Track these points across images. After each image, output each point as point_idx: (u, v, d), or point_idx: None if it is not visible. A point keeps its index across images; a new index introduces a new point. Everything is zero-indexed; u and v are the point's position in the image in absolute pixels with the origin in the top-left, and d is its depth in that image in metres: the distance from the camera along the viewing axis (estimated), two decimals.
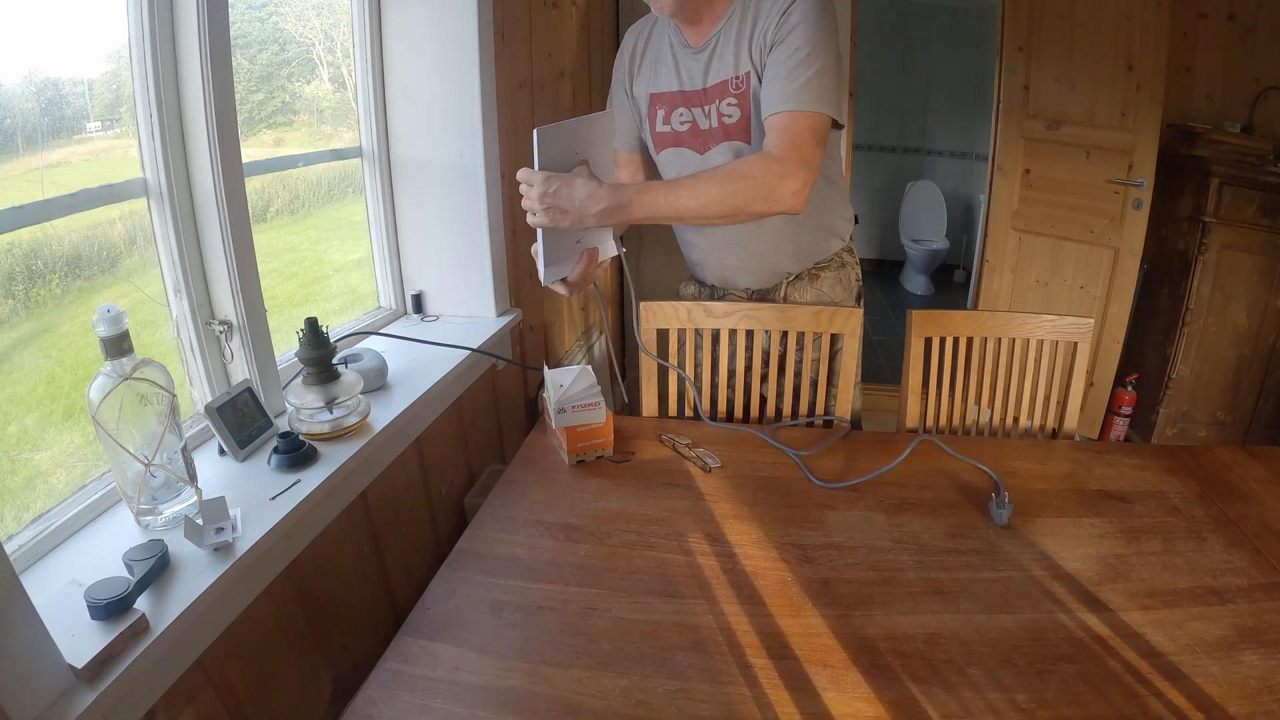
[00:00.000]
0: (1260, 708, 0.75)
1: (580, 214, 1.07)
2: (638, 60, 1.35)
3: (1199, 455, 1.26)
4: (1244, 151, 2.36)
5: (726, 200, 1.09)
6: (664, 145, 1.34)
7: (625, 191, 1.09)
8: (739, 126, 1.24)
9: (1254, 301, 2.46)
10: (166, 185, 1.00)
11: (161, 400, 0.83)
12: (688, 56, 1.27)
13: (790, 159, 1.09)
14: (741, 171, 1.10)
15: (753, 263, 1.39)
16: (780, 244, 1.36)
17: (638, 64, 1.35)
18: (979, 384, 1.46)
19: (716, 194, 1.09)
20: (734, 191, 1.09)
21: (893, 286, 4.93)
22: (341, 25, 1.47)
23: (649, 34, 1.34)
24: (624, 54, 1.37)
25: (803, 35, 1.11)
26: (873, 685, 0.79)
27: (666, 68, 1.30)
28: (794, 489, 1.16)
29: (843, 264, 1.43)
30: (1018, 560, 0.99)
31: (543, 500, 1.12)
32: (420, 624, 0.87)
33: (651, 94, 1.33)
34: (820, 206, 1.33)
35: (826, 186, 1.33)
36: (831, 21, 1.15)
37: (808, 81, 1.11)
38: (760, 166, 1.09)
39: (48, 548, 0.83)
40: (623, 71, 1.38)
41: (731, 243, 1.37)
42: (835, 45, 1.15)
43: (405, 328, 1.55)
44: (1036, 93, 2.61)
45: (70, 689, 0.66)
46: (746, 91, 1.21)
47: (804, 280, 1.41)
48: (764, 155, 1.11)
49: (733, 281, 1.43)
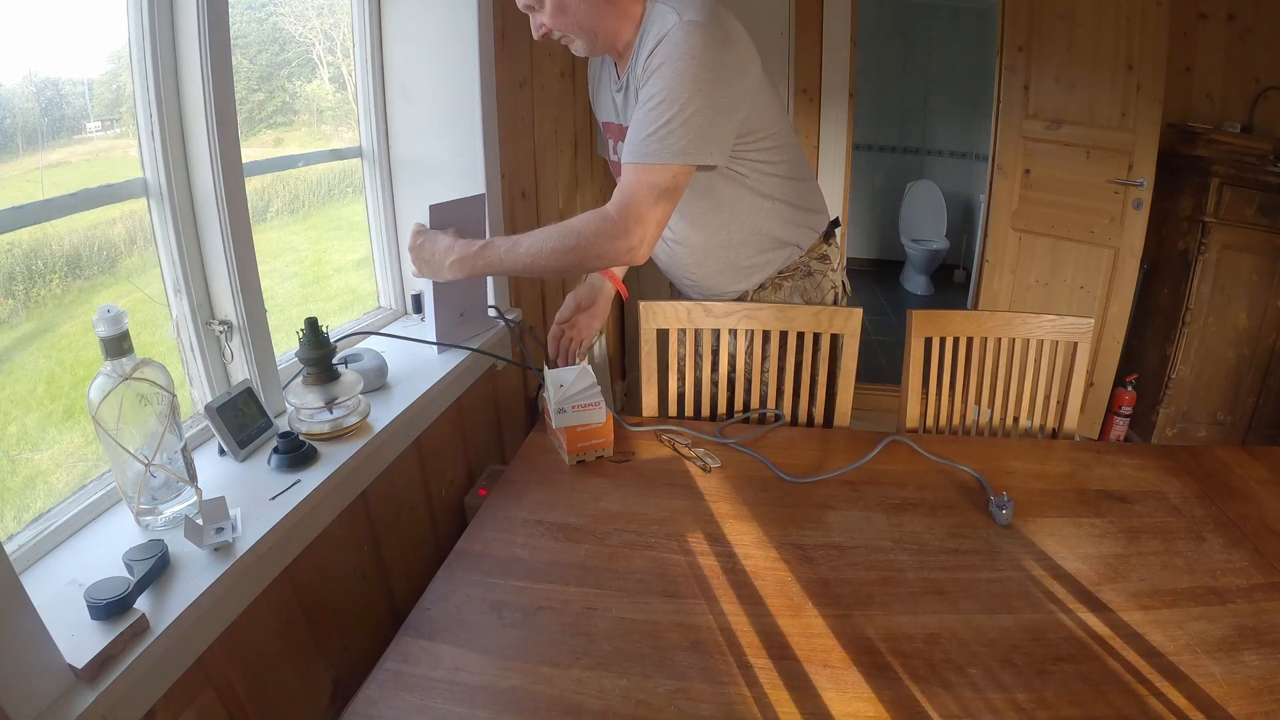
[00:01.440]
0: (1260, 708, 0.75)
1: (438, 265, 1.20)
2: (593, 84, 1.40)
3: (1199, 455, 1.26)
4: (1244, 151, 2.36)
5: (563, 257, 1.13)
6: (616, 172, 1.34)
7: (473, 245, 1.18)
8: None
9: (1254, 301, 2.46)
10: (166, 185, 1.00)
11: (161, 400, 0.83)
12: (614, 92, 1.29)
13: (624, 217, 1.10)
14: (575, 229, 1.12)
15: (701, 281, 1.42)
16: (714, 267, 1.37)
17: (595, 88, 1.40)
18: (979, 384, 1.46)
19: (552, 249, 1.13)
20: (568, 249, 1.12)
21: (893, 286, 4.93)
22: (341, 25, 1.47)
23: (601, 60, 1.35)
24: (589, 75, 1.43)
25: (660, 81, 1.07)
26: (873, 685, 0.79)
27: (606, 97, 1.34)
28: (794, 489, 1.16)
29: (809, 272, 1.40)
30: (1018, 560, 0.99)
31: (543, 500, 1.12)
32: (420, 624, 0.87)
33: (602, 122, 1.38)
34: (755, 225, 1.31)
35: (763, 202, 1.29)
36: (701, 55, 1.07)
37: (656, 132, 1.08)
38: (593, 226, 1.11)
39: (48, 548, 0.83)
40: (590, 91, 1.44)
41: (670, 264, 1.42)
42: (704, 80, 1.07)
43: (405, 328, 1.55)
44: (1036, 93, 2.61)
45: (70, 689, 0.66)
46: None
47: (767, 290, 1.41)
48: (598, 214, 1.12)
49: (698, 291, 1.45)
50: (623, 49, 1.20)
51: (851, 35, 2.60)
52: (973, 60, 4.38)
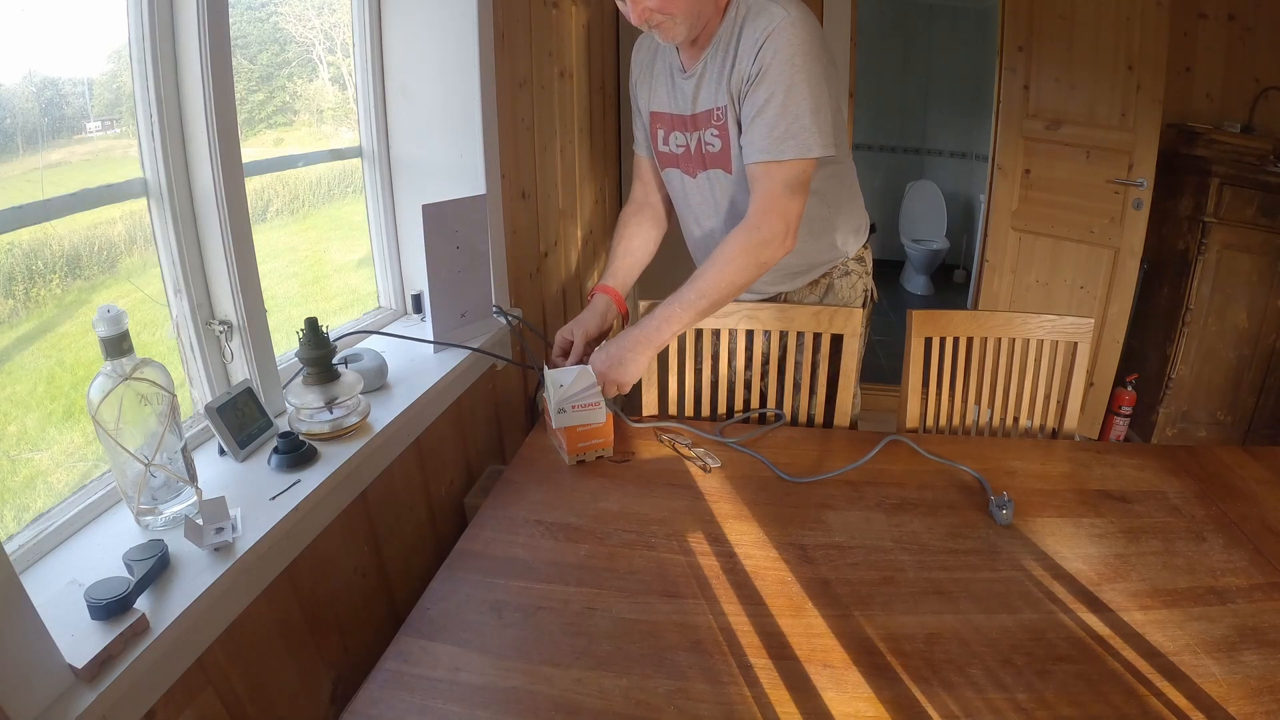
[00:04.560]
0: (1260, 708, 0.75)
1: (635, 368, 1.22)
2: (644, 74, 1.38)
3: (1199, 455, 1.26)
4: (1244, 151, 2.36)
5: (736, 290, 1.21)
6: (665, 164, 1.39)
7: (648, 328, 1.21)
8: (720, 156, 1.27)
9: (1254, 301, 2.46)
10: (166, 185, 1.00)
11: (161, 400, 0.83)
12: (681, 80, 1.28)
13: (769, 224, 1.17)
14: (735, 261, 1.18)
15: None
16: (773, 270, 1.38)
17: (643, 78, 1.38)
18: (979, 384, 1.46)
19: (726, 285, 1.19)
20: (739, 283, 1.20)
21: (893, 286, 4.93)
22: (341, 25, 1.47)
23: (655, 48, 1.35)
24: (633, 65, 1.41)
25: (782, 78, 1.12)
26: (873, 685, 0.79)
27: (664, 87, 1.33)
28: (794, 489, 1.16)
29: (846, 272, 1.44)
30: (1018, 560, 0.99)
31: (543, 500, 1.12)
32: (420, 624, 0.87)
33: (652, 111, 1.37)
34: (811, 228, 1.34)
35: (820, 207, 1.33)
36: (810, 50, 1.13)
37: (787, 129, 1.13)
38: (741, 245, 1.18)
39: (48, 548, 0.83)
40: (632, 82, 1.41)
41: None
42: (816, 74, 1.13)
43: (405, 327, 1.55)
44: (1036, 93, 2.61)
45: (70, 689, 0.66)
46: (725, 124, 1.23)
47: (804, 290, 1.45)
48: (745, 234, 1.18)
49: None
50: (701, 38, 1.22)
51: (851, 35, 2.60)
52: (973, 60, 4.38)
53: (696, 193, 1.36)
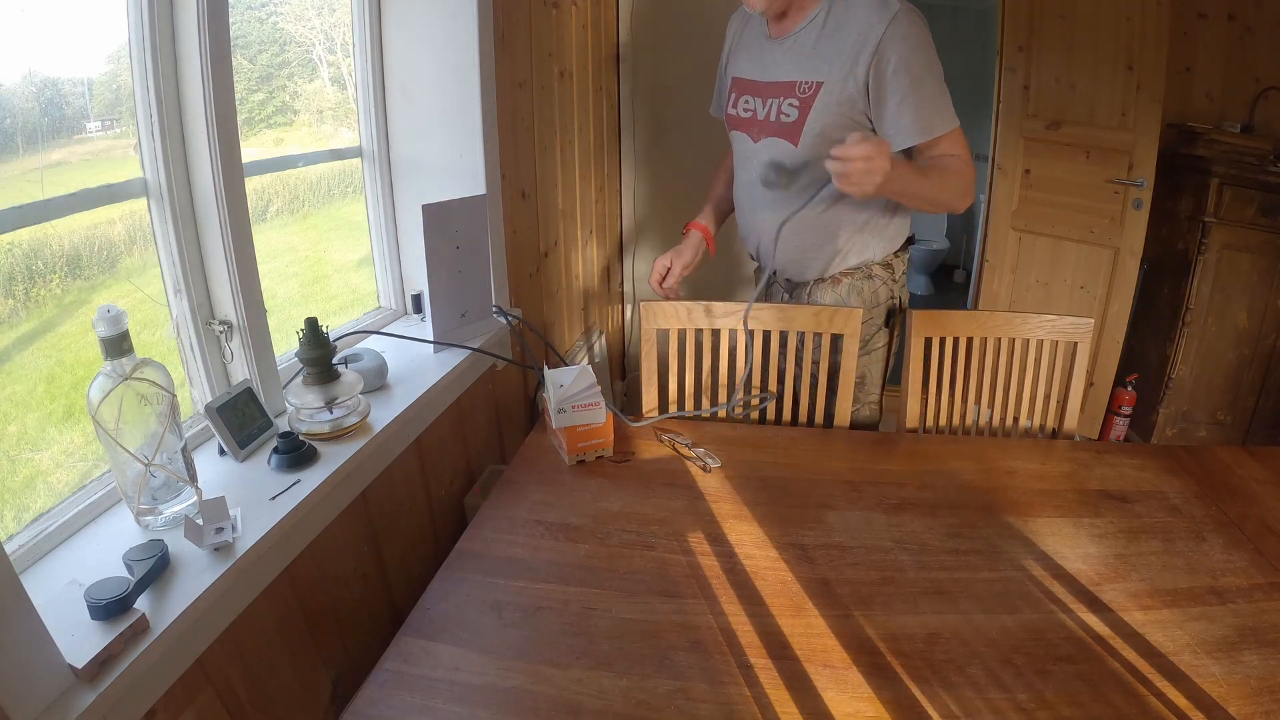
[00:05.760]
0: (1260, 708, 0.75)
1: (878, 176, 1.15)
2: (734, 43, 1.46)
3: (1199, 455, 1.26)
4: (1244, 151, 2.36)
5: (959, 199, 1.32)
6: (731, 126, 1.46)
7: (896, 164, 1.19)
8: (791, 128, 1.31)
9: (1254, 301, 2.45)
10: (166, 185, 1.00)
11: (161, 400, 0.83)
12: (769, 47, 1.34)
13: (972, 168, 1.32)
14: (958, 171, 1.30)
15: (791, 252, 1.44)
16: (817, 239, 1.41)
17: (733, 47, 1.46)
18: (979, 384, 1.46)
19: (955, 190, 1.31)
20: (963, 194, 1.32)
21: None
22: (341, 25, 1.47)
23: (745, 18, 1.44)
24: (727, 36, 1.50)
25: (921, 60, 1.22)
26: (873, 685, 0.79)
27: (750, 54, 1.39)
28: (794, 489, 1.16)
29: (869, 275, 1.45)
30: (1018, 560, 0.99)
31: (543, 500, 1.12)
32: (420, 624, 0.87)
33: (734, 77, 1.43)
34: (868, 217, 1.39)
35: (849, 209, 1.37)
36: (931, 40, 1.25)
37: (944, 102, 1.26)
38: (967, 172, 1.31)
39: (48, 548, 0.83)
40: (724, 52, 1.50)
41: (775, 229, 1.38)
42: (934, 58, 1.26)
43: (405, 327, 1.55)
44: (1036, 93, 2.61)
45: (70, 689, 0.66)
46: (812, 99, 1.27)
47: (827, 283, 1.45)
48: (966, 163, 1.30)
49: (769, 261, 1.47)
50: (792, 11, 1.30)
51: None
52: (973, 60, 4.37)
53: (754, 157, 1.41)
